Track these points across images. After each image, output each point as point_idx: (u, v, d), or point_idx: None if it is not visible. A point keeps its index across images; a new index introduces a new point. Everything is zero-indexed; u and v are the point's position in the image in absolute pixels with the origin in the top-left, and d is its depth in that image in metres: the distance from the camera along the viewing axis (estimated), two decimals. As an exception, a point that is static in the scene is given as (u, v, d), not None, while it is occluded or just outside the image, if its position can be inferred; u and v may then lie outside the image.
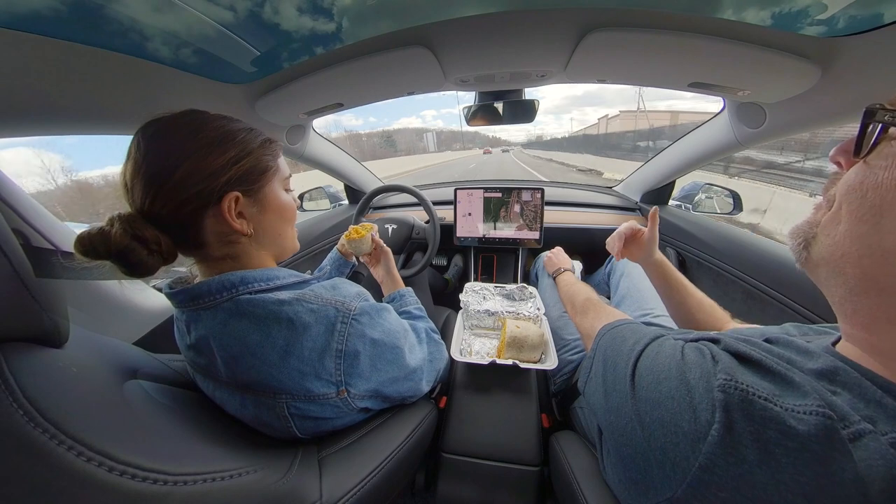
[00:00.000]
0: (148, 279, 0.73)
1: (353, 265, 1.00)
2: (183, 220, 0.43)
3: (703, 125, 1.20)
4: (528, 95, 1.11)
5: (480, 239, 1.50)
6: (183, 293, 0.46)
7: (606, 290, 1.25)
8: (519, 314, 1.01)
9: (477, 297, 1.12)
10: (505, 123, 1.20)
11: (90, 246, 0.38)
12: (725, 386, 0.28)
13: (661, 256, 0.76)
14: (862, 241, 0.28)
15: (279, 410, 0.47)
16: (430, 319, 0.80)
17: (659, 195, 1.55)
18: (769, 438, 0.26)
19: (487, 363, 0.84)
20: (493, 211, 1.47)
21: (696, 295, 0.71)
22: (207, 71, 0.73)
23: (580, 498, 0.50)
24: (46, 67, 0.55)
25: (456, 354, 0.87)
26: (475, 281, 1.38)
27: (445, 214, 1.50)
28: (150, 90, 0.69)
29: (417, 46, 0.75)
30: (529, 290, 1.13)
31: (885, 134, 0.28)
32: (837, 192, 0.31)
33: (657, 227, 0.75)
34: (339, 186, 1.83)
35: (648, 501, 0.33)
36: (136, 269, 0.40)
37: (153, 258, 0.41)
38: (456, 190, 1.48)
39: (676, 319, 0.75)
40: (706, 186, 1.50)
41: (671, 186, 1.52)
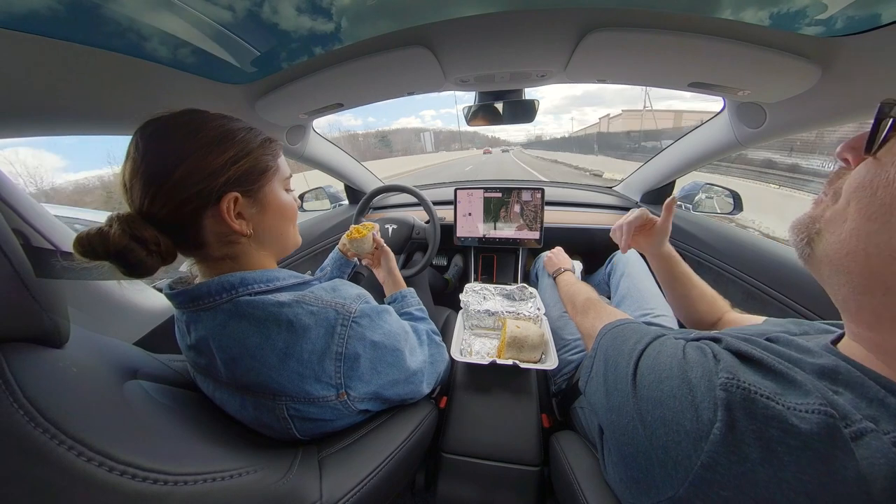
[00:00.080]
0: (148, 279, 0.73)
1: (354, 265, 1.00)
2: (182, 220, 0.42)
3: (703, 125, 1.20)
4: (528, 95, 1.11)
5: (480, 239, 1.50)
6: (183, 294, 0.46)
7: (606, 290, 1.25)
8: (519, 314, 1.01)
9: (477, 297, 1.12)
10: (505, 123, 1.19)
11: (89, 246, 0.37)
12: (727, 385, 0.28)
13: (669, 248, 0.74)
14: (869, 239, 0.28)
15: (278, 412, 0.46)
16: (431, 321, 0.79)
17: (659, 195, 1.55)
18: (771, 437, 0.26)
19: (488, 363, 0.84)
20: (493, 211, 1.46)
21: (699, 287, 0.71)
22: (208, 71, 0.73)
23: (580, 498, 0.50)
24: (44, 68, 0.55)
25: (456, 354, 0.87)
26: (475, 281, 1.38)
27: (445, 214, 1.50)
28: (149, 90, 0.69)
29: (417, 46, 0.75)
30: (529, 290, 1.13)
31: None
32: (845, 188, 0.31)
33: (672, 217, 0.71)
34: (339, 186, 1.82)
35: (650, 500, 0.33)
36: (135, 269, 0.40)
37: (152, 258, 0.41)
38: (456, 190, 1.48)
39: (677, 311, 0.75)
40: (706, 186, 1.49)
41: (671, 186, 1.52)
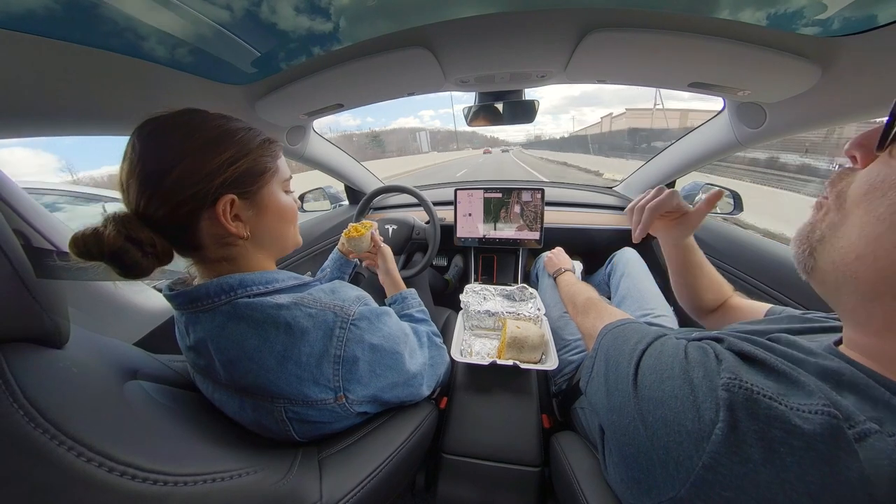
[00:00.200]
0: (149, 279, 0.73)
1: (354, 266, 1.00)
2: (178, 221, 0.42)
3: (703, 125, 1.20)
4: (527, 96, 1.11)
5: (481, 239, 1.50)
6: (182, 295, 0.45)
7: (607, 290, 1.25)
8: (519, 314, 1.01)
9: (477, 297, 1.12)
10: (505, 124, 1.19)
11: (84, 247, 0.37)
12: (729, 385, 0.28)
13: (692, 239, 0.68)
14: (879, 242, 0.27)
15: (277, 414, 0.46)
16: (432, 322, 0.79)
17: (659, 195, 1.55)
18: (774, 437, 0.25)
19: (488, 364, 0.84)
20: (493, 211, 1.46)
21: (708, 275, 0.69)
22: (208, 71, 0.72)
23: (581, 498, 0.50)
24: (42, 67, 0.54)
25: (456, 355, 0.86)
26: (475, 281, 1.38)
27: (445, 215, 1.50)
28: (149, 91, 0.69)
29: (417, 47, 0.75)
30: (530, 290, 1.13)
31: None
32: (852, 190, 0.30)
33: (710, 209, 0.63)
34: (339, 187, 1.82)
35: (651, 501, 0.33)
36: (130, 270, 0.40)
37: (148, 260, 0.41)
38: (456, 190, 1.48)
39: (681, 298, 0.74)
40: (706, 186, 1.49)
41: (671, 186, 1.52)
